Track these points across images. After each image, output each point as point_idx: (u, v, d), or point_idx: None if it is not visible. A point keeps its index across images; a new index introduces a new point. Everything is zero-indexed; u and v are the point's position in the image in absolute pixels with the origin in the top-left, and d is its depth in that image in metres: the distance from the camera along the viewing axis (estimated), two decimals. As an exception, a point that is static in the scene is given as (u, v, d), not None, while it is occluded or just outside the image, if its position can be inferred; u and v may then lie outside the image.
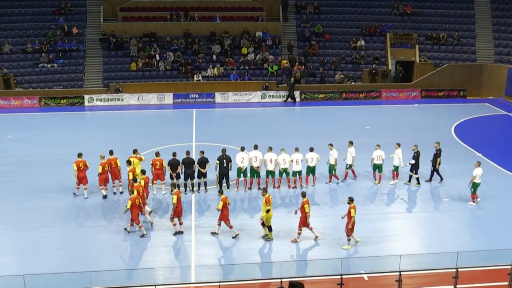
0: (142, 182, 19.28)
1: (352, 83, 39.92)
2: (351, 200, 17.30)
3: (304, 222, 17.65)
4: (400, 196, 21.85)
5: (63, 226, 18.94)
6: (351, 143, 22.81)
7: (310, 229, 17.84)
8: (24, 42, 40.10)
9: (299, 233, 17.80)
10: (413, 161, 22.32)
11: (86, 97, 37.18)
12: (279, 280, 14.30)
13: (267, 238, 17.92)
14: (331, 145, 22.68)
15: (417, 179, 22.61)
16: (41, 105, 36.81)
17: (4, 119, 34.18)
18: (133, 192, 18.23)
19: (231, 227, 18.04)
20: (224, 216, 17.82)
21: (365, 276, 15.59)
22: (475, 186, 20.62)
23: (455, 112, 35.59)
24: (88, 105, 37.11)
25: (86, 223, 19.16)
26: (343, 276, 14.40)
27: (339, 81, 39.78)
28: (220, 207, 17.61)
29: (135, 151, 21.60)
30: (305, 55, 41.32)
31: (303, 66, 40.06)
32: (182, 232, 18.26)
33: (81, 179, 21.05)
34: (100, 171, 20.82)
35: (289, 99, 38.11)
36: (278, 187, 22.25)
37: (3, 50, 39.23)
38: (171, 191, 18.44)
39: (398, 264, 14.74)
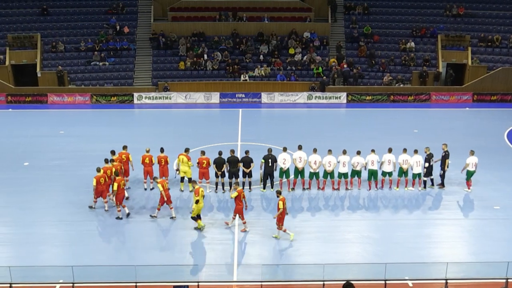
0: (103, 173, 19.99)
1: (401, 85, 39.19)
2: (279, 193, 17.98)
3: (239, 211, 18.44)
4: (448, 202, 21.26)
5: (110, 219, 19.44)
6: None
7: (243, 222, 18.50)
8: (78, 41, 41.41)
9: (234, 218, 18.77)
10: (426, 164, 21.89)
11: (136, 95, 38.05)
12: (321, 283, 14.22)
13: (198, 227, 18.49)
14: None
15: (432, 180, 22.19)
16: (92, 101, 37.91)
17: (57, 115, 35.48)
18: (99, 171, 19.68)
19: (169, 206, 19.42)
20: (162, 199, 19.11)
21: (410, 283, 15.26)
22: (469, 173, 21.69)
23: (508, 117, 34.36)
24: (137, 102, 37.95)
25: (131, 218, 19.55)
26: (387, 282, 14.18)
27: (387, 83, 39.13)
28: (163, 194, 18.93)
29: (186, 150, 21.91)
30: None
31: (353, 68, 39.59)
32: (121, 218, 19.29)
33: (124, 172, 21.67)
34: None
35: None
36: (323, 189, 22.09)
37: (58, 49, 40.65)
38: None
39: (444, 272, 14.39)
